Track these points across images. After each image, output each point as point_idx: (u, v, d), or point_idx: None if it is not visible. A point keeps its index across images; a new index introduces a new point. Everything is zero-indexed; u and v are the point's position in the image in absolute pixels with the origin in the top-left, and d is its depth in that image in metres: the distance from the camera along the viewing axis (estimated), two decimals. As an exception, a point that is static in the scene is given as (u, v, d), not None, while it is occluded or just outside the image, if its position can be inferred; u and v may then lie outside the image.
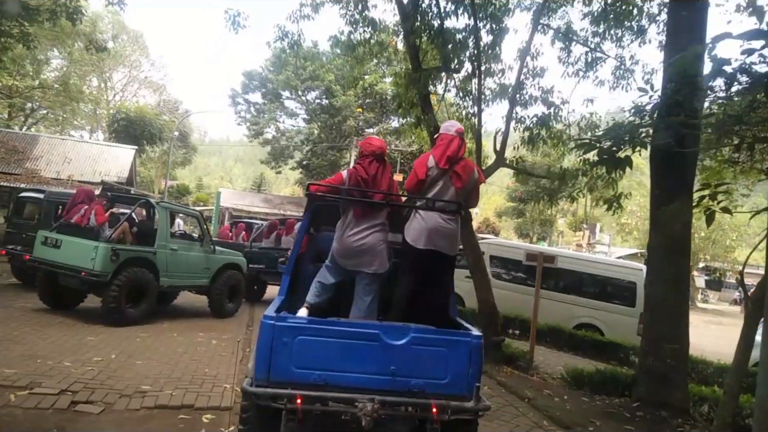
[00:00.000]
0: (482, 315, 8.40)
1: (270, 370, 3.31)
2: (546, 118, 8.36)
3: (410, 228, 4.01)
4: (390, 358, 3.40)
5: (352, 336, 3.44)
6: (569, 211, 50.03)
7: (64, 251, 8.20)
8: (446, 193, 4.00)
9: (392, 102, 9.81)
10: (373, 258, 4.01)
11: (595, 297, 12.10)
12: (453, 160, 3.99)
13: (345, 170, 4.24)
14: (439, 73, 9.16)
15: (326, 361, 3.38)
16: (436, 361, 3.46)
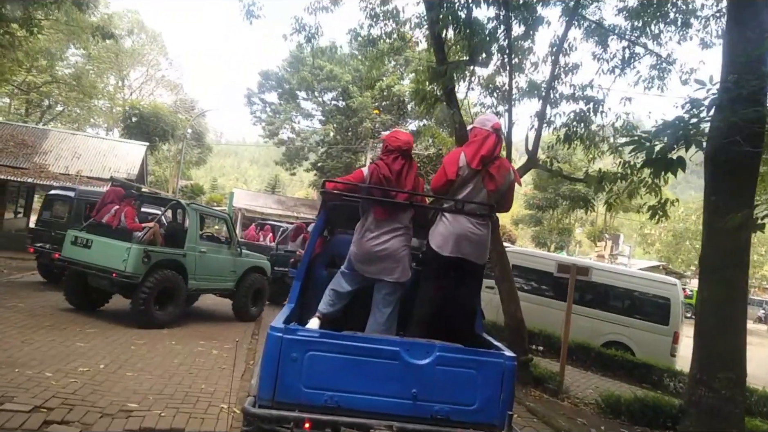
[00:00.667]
0: (508, 330, 7.68)
1: (276, 389, 2.94)
2: (585, 114, 7.62)
3: (435, 233, 3.63)
4: (411, 380, 3.03)
5: (369, 353, 3.05)
6: (587, 221, 49.05)
7: (95, 252, 8.06)
8: (477, 196, 3.60)
9: (414, 96, 9.07)
10: (394, 265, 3.62)
11: (624, 313, 11.29)
12: (487, 159, 3.58)
13: (366, 167, 3.84)
14: (465, 66, 8.47)
15: (339, 380, 3.01)
16: (464, 384, 3.07)
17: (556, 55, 8.14)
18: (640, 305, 11.32)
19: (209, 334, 8.19)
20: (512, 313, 7.66)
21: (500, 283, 7.79)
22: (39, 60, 21.69)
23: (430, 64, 9.24)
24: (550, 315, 11.50)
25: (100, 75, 37.13)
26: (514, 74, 8.21)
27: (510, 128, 8.00)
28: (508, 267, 7.86)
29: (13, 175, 15.31)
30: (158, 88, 47.40)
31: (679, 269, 33.78)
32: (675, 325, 10.83)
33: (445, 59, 8.41)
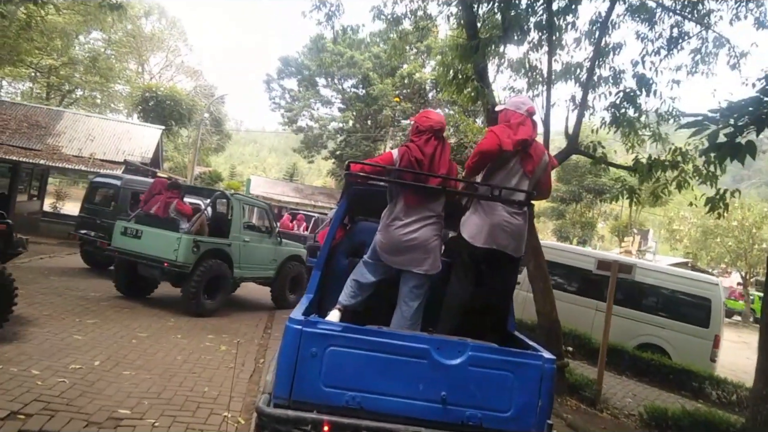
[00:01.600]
0: (542, 332, 7.00)
1: (293, 387, 2.70)
2: (634, 93, 6.85)
3: (468, 222, 3.39)
4: (441, 381, 2.77)
5: (395, 350, 2.79)
6: (611, 215, 47.75)
7: (145, 242, 8.21)
8: (515, 180, 3.37)
9: (442, 76, 8.36)
10: (425, 256, 3.36)
11: (660, 313, 10.48)
12: (525, 144, 3.35)
13: (395, 149, 3.51)
14: (499, 43, 7.74)
15: (362, 379, 2.75)
16: (498, 388, 2.80)
17: (601, 31, 7.36)
18: (678, 305, 10.53)
19: (219, 328, 7.65)
20: (547, 313, 6.98)
21: (534, 280, 7.10)
22: (54, 40, 21.33)
23: (460, 40, 8.52)
24: (580, 314, 10.80)
25: (120, 59, 36.94)
26: (555, 52, 7.45)
27: (548, 111, 7.28)
28: (543, 263, 7.16)
29: (26, 156, 14.95)
30: (178, 74, 47.18)
31: (706, 267, 32.68)
32: (716, 327, 10.04)
33: (477, 36, 7.70)
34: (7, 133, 15.46)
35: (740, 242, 27.69)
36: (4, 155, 14.62)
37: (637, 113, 6.97)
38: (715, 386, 9.15)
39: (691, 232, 31.32)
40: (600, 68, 7.33)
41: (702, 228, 30.41)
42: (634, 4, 8.37)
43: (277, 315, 9.44)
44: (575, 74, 7.97)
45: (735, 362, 14.54)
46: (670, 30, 8.51)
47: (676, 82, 8.17)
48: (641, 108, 6.95)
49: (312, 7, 10.35)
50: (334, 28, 11.07)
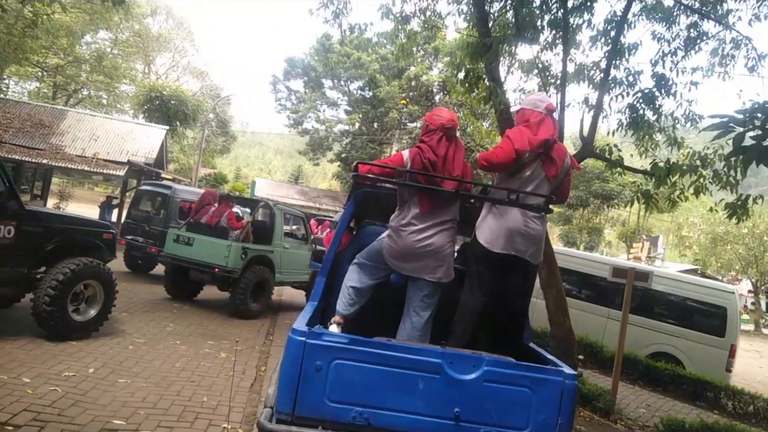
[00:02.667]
0: (555, 342, 6.74)
1: (296, 401, 2.54)
2: (653, 94, 6.58)
3: (484, 226, 3.18)
4: (454, 397, 2.61)
5: (406, 364, 2.62)
6: (618, 221, 47.32)
7: (197, 249, 8.79)
8: (534, 183, 3.16)
9: (451, 75, 8.12)
10: (438, 263, 3.19)
11: (674, 322, 10.21)
12: (549, 143, 3.15)
13: (406, 150, 3.30)
14: (512, 42, 7.50)
15: (370, 394, 2.60)
16: (516, 404, 2.64)
17: (618, 29, 7.10)
18: (692, 314, 10.24)
19: (219, 333, 7.42)
20: (560, 323, 6.71)
21: (547, 287, 6.84)
22: (60, 39, 21.23)
23: (471, 39, 8.29)
24: (591, 321, 10.53)
25: (127, 59, 36.90)
26: (569, 52, 7.20)
27: (562, 113, 7.02)
28: (556, 269, 6.91)
29: (29, 155, 14.81)
30: (184, 75, 47.17)
31: (716, 274, 32.26)
32: (732, 337, 9.76)
33: (489, 34, 7.47)
34: (11, 132, 15.34)
35: (750, 249, 27.30)
36: (6, 154, 14.48)
37: (655, 115, 6.71)
38: (731, 397, 8.88)
39: (701, 238, 30.90)
40: (616, 69, 7.08)
41: (711, 235, 30.02)
42: (650, 2, 8.12)
43: (279, 320, 9.22)
44: (590, 75, 7.73)
45: (748, 372, 14.24)
46: (687, 30, 8.25)
47: (694, 84, 7.91)
48: (660, 110, 6.68)
49: (319, 5, 10.14)
50: (341, 27, 10.84)
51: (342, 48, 33.89)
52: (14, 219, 5.48)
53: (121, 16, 22.77)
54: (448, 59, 9.66)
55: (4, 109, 16.41)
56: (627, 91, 6.90)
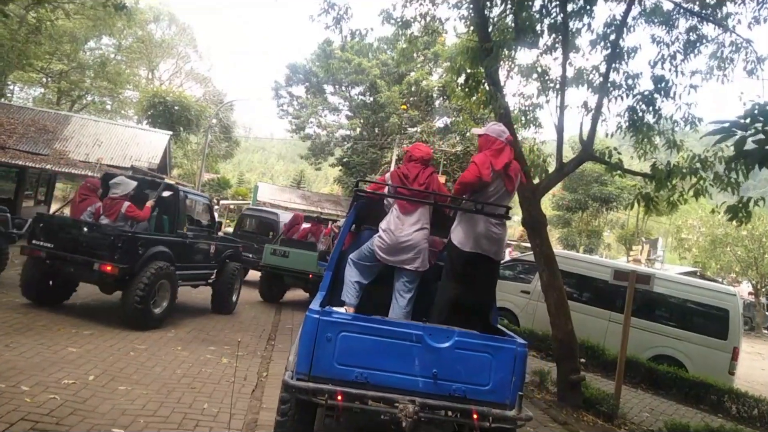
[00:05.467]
0: (557, 344, 6.72)
1: (312, 364, 3.32)
2: (652, 97, 6.56)
3: (457, 230, 3.98)
4: (432, 361, 3.38)
5: (395, 336, 3.42)
6: (617, 223, 47.19)
7: (292, 259, 10.90)
8: (497, 196, 3.97)
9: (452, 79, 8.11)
10: (416, 255, 4.10)
11: (676, 324, 10.13)
12: (507, 165, 3.97)
13: (388, 173, 4.45)
14: (511, 46, 7.49)
15: (368, 359, 3.37)
16: (479, 366, 3.42)
17: (618, 33, 7.10)
18: (695, 316, 10.19)
19: (221, 339, 7.41)
20: (562, 326, 6.69)
21: (548, 290, 6.82)
22: (63, 44, 21.31)
23: (471, 44, 8.29)
24: (592, 324, 10.47)
25: (130, 65, 37.03)
26: (569, 55, 7.19)
27: (562, 116, 7.03)
28: (557, 273, 6.88)
29: (32, 161, 14.84)
30: (187, 81, 47.30)
31: (716, 276, 32.12)
32: (734, 339, 9.69)
33: (488, 39, 7.47)
34: (14, 138, 15.40)
35: (750, 251, 27.20)
36: (10, 160, 14.52)
37: (655, 117, 6.69)
38: (734, 400, 8.81)
39: (700, 241, 30.81)
40: (616, 72, 7.06)
41: (711, 237, 29.93)
42: (649, 6, 8.11)
43: (281, 325, 9.19)
44: (589, 79, 7.71)
45: (750, 374, 14.13)
46: (687, 33, 8.24)
47: (694, 87, 7.89)
48: (659, 112, 6.67)
49: (320, 11, 10.16)
50: (342, 33, 10.85)
51: (343, 54, 33.93)
52: (213, 241, 9.29)
53: (123, 22, 22.81)
54: (448, 64, 9.65)
55: (8, 115, 16.47)
56: (627, 93, 6.89)
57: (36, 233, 7.13)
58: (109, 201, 7.47)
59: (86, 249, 6.87)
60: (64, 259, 6.91)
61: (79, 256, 6.85)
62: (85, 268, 6.85)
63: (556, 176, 7.12)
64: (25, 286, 7.22)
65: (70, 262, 6.92)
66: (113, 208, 7.38)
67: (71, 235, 7.01)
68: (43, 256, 6.97)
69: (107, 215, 7.39)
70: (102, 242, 6.87)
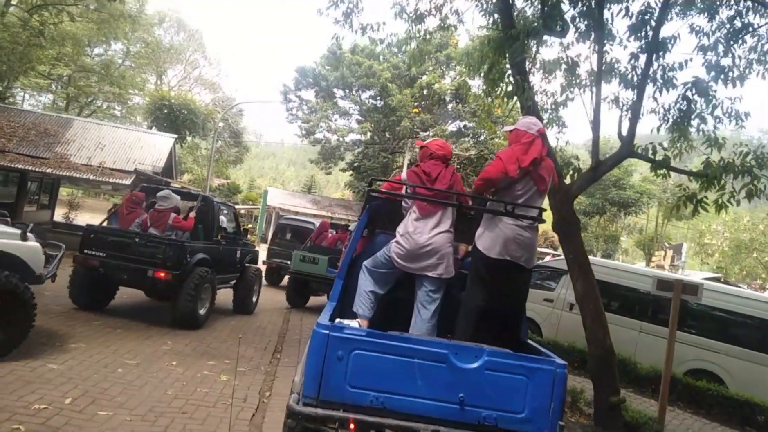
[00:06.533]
0: (594, 361, 6.01)
1: (321, 387, 2.92)
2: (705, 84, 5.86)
3: (483, 235, 3.61)
4: (459, 384, 2.97)
5: (416, 354, 3.00)
6: (635, 228, 46.18)
7: (321, 266, 10.98)
8: (527, 197, 3.61)
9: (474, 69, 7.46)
10: (439, 260, 3.70)
11: (714, 336, 9.33)
12: (537, 162, 3.59)
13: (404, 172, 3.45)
14: (539, 34, 6.83)
15: (385, 381, 2.96)
16: (513, 390, 3.00)
17: (660, 17, 6.40)
18: (735, 328, 9.42)
19: (222, 352, 6.78)
20: (599, 340, 5.98)
21: (584, 301, 6.12)
22: (66, 46, 21.01)
23: (493, 34, 7.67)
24: (621, 336, 9.70)
25: (139, 70, 36.78)
26: (604, 43, 6.50)
27: (598, 109, 6.35)
28: (593, 282, 6.19)
29: (33, 164, 14.38)
30: (196, 87, 47.06)
31: (739, 282, 31.15)
32: (781, 354, 8.93)
33: (514, 25, 6.83)
34: (14, 141, 14.94)
35: (776, 257, 26.29)
36: (9, 163, 14.07)
37: (709, 107, 5.98)
38: (787, 422, 8.03)
39: (724, 246, 29.84)
40: (658, 60, 6.36)
41: (735, 242, 28.97)
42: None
43: (288, 337, 8.56)
44: (622, 72, 7.02)
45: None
46: (729, 21, 7.53)
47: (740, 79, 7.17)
48: (714, 101, 5.96)
49: (329, 4, 9.60)
50: (352, 27, 10.27)
51: (353, 57, 33.46)
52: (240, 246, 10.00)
53: (128, 25, 22.47)
54: (461, 68, 9.02)
55: (8, 118, 16.06)
56: (667, 87, 6.17)
57: (87, 243, 7.64)
58: (156, 213, 8.15)
59: (140, 257, 7.50)
60: (118, 267, 7.50)
61: (133, 264, 7.47)
62: (139, 275, 7.51)
63: (592, 175, 6.44)
64: (74, 292, 7.74)
65: (124, 269, 7.52)
66: (161, 219, 8.05)
67: (125, 245, 7.60)
68: (97, 265, 7.48)
69: (156, 226, 8.04)
70: (156, 251, 7.56)
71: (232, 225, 10.53)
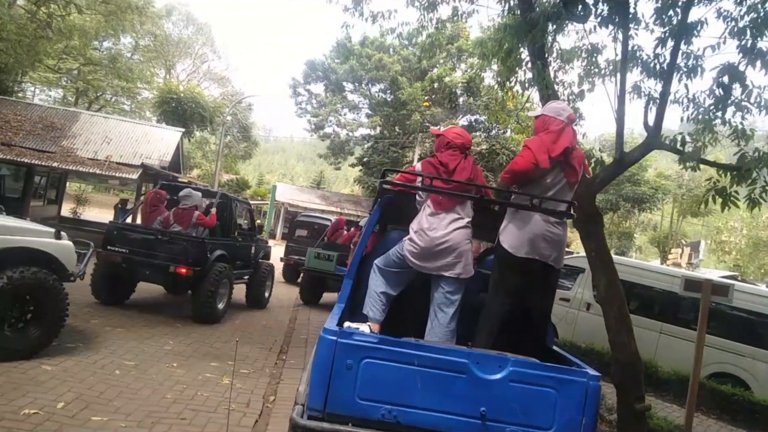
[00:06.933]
0: (617, 367, 5.67)
1: (327, 398, 2.63)
2: (736, 70, 5.48)
3: (507, 231, 3.32)
4: (480, 396, 2.67)
5: (433, 364, 2.69)
6: (649, 225, 45.52)
7: (335, 263, 10.83)
8: (556, 190, 3.32)
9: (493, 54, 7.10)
10: (457, 259, 3.40)
11: (739, 338, 8.93)
12: (569, 151, 3.30)
13: (418, 163, 3.72)
14: (560, 18, 6.47)
15: (398, 393, 2.66)
16: (540, 404, 2.69)
17: (687, 2, 6.01)
18: (762, 329, 9.01)
19: (225, 353, 6.48)
20: (624, 344, 5.63)
21: (607, 302, 5.77)
22: (73, 39, 20.84)
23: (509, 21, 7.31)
24: (640, 337, 9.34)
25: (147, 64, 36.66)
26: (629, 27, 6.13)
27: (622, 97, 5.98)
28: (617, 282, 5.84)
29: (39, 158, 14.22)
30: (205, 81, 46.92)
31: (757, 281, 30.55)
32: (810, 356, 8.53)
33: (533, 8, 6.47)
34: (21, 135, 14.80)
35: (801, 256, 25.71)
36: (15, 157, 13.92)
37: (745, 93, 5.59)
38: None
39: (741, 243, 29.23)
40: (687, 45, 5.98)
41: (753, 239, 28.36)
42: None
43: (295, 336, 8.28)
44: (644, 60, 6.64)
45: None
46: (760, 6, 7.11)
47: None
48: (750, 87, 5.57)
49: (338, -10, 9.29)
50: (363, 15, 9.96)
51: (363, 49, 33.11)
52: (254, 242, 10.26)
53: (135, 17, 22.24)
54: (479, 49, 8.67)
55: (15, 112, 15.91)
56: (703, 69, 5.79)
57: (111, 240, 7.91)
58: (180, 210, 8.37)
59: (162, 253, 7.71)
60: (140, 263, 7.74)
61: (155, 260, 7.68)
62: (161, 270, 7.73)
63: (616, 168, 6.09)
64: (96, 287, 7.86)
65: (147, 265, 7.75)
66: (185, 217, 8.28)
67: (148, 242, 7.86)
68: (119, 261, 7.70)
69: (179, 223, 8.28)
70: (177, 247, 7.79)
71: (246, 221, 10.76)
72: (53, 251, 5.23)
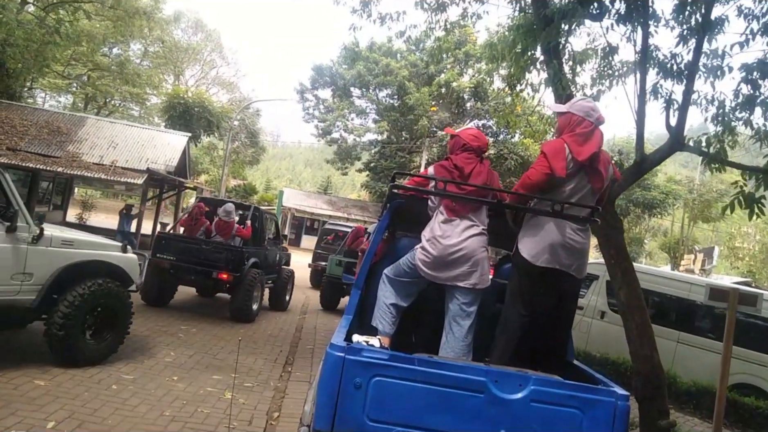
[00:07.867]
0: (640, 381, 5.39)
1: (335, 419, 2.42)
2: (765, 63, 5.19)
3: (527, 239, 3.08)
4: (499, 417, 2.47)
5: (449, 382, 2.48)
6: (659, 230, 44.95)
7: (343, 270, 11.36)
8: (580, 196, 3.06)
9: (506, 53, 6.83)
10: (472, 269, 3.17)
11: (762, 348, 8.65)
12: (596, 156, 3.05)
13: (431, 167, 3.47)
14: (576, 15, 6.22)
15: (411, 413, 2.46)
16: (564, 426, 2.48)
17: None
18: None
19: (229, 364, 6.20)
20: (646, 356, 5.35)
21: (628, 312, 5.49)
22: (81, 44, 20.84)
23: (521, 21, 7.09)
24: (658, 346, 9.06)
25: (156, 70, 36.72)
26: (649, 24, 5.87)
27: (642, 96, 5.71)
28: (638, 290, 5.55)
29: (44, 163, 14.11)
30: (213, 87, 46.96)
31: (766, 285, 30.04)
32: (833, 367, 8.19)
33: (547, 5, 6.24)
34: (26, 140, 14.71)
35: (817, 263, 25.22)
36: (21, 162, 13.81)
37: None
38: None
39: (755, 249, 28.74)
40: (710, 42, 5.71)
41: (767, 245, 27.87)
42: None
43: (301, 346, 8.03)
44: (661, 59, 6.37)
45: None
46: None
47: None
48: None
49: (345, -9, 9.15)
50: (371, 17, 9.79)
51: (370, 54, 33.00)
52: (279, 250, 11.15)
53: (143, 22, 22.23)
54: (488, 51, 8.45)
55: (21, 116, 15.84)
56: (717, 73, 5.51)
57: (159, 248, 8.89)
58: (222, 222, 9.36)
59: (206, 261, 8.69)
60: (187, 270, 8.72)
61: (200, 266, 8.65)
62: (205, 276, 8.73)
63: (636, 171, 5.82)
64: (146, 291, 8.44)
65: (192, 271, 8.74)
66: (226, 228, 9.32)
67: (193, 250, 8.84)
68: (167, 267, 8.64)
69: (221, 234, 9.36)
70: (220, 256, 8.73)
71: (272, 231, 11.57)
72: (122, 264, 5.69)
